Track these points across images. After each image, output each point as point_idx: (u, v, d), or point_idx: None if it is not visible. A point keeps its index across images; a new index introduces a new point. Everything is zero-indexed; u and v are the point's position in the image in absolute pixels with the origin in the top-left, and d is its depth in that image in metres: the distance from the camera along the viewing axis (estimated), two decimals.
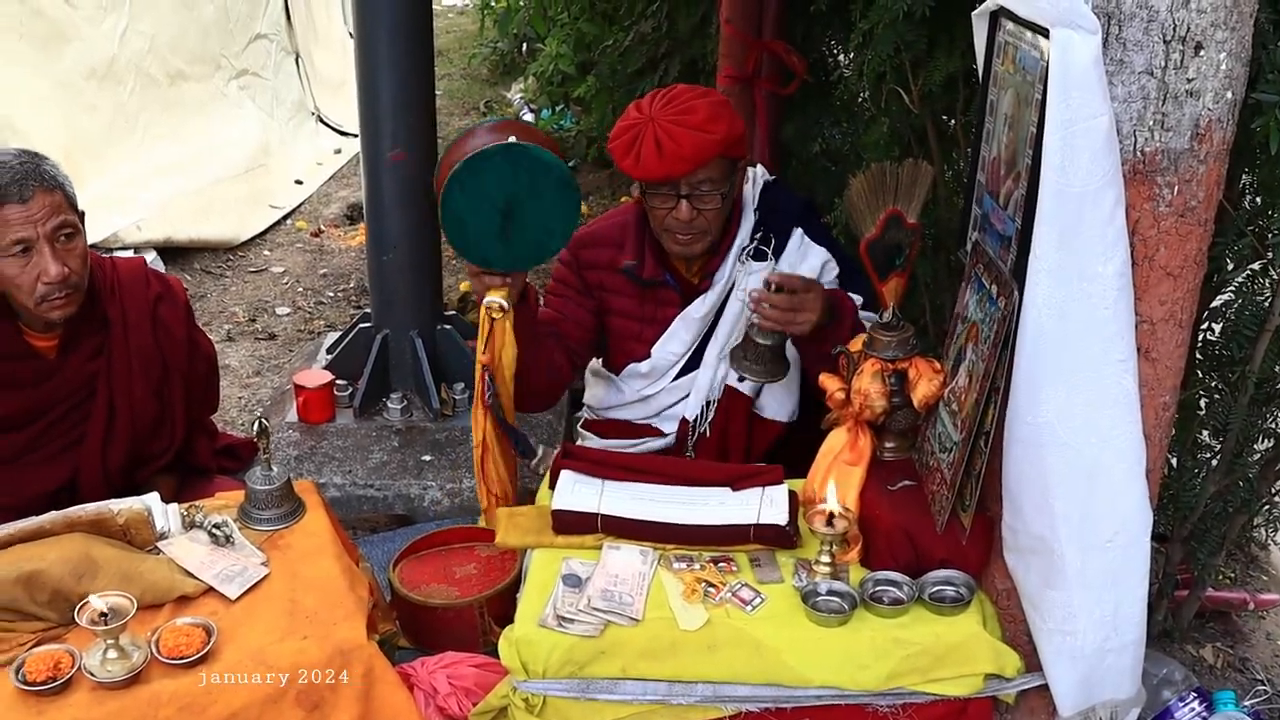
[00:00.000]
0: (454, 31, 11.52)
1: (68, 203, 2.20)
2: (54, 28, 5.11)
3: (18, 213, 2.12)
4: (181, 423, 2.50)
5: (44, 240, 2.15)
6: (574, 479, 2.17)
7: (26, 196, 2.12)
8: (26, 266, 2.16)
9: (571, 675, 1.85)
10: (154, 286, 2.46)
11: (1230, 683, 2.67)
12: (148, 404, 2.41)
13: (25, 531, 1.92)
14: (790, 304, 2.27)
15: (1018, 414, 1.69)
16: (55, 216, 2.16)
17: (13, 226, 2.12)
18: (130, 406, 2.39)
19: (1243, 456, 2.41)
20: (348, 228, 6.18)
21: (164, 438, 2.47)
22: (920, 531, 1.95)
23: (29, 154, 2.20)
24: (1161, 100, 1.55)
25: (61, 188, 2.19)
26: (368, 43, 3.35)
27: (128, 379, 2.38)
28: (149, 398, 2.41)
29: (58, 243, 2.18)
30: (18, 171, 2.13)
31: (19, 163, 2.15)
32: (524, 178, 2.18)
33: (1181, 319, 1.69)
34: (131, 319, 2.39)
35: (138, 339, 2.39)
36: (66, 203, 2.20)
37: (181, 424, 2.50)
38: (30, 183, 2.13)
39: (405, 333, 3.60)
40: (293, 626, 1.86)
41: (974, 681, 1.86)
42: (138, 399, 2.39)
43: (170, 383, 2.46)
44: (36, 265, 2.16)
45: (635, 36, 5.36)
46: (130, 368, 2.38)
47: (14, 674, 1.72)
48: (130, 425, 2.39)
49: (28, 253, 2.15)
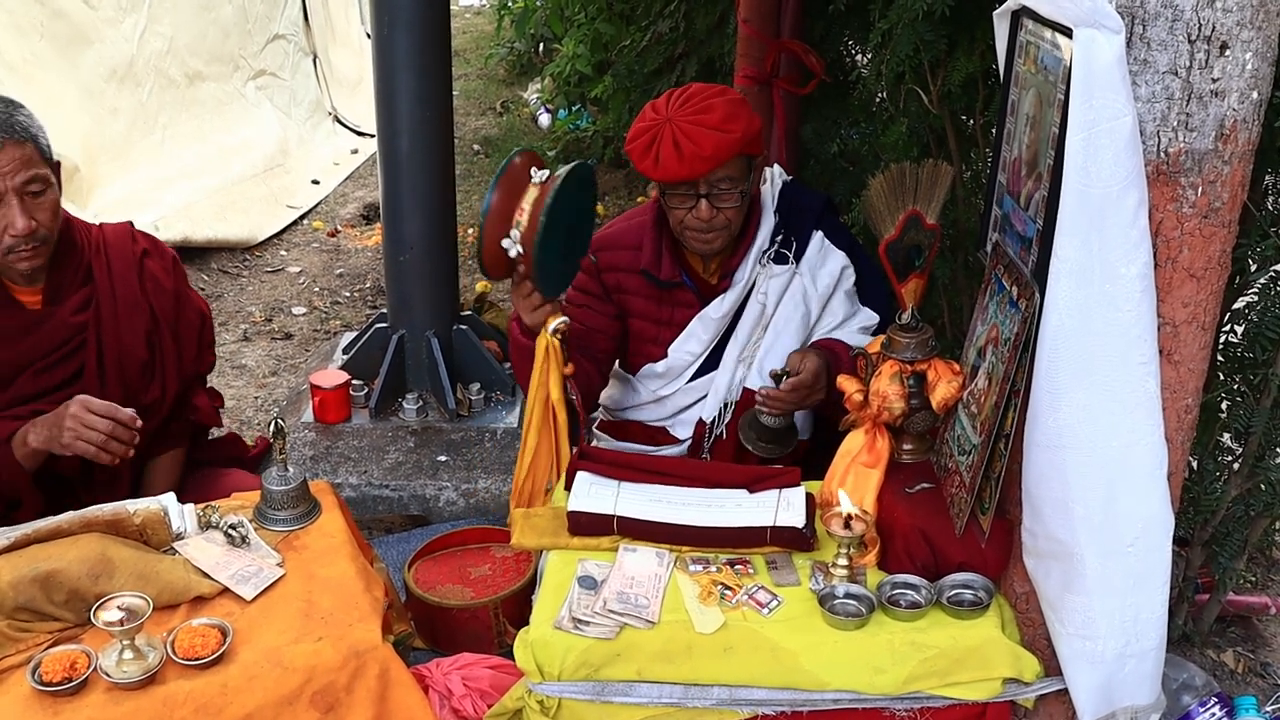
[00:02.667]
0: (471, 32, 11.55)
1: (40, 155, 2.19)
2: (75, 29, 5.14)
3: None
4: (173, 374, 2.50)
5: (12, 193, 2.15)
6: (590, 480, 2.16)
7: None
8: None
9: (587, 678, 1.84)
10: (140, 243, 2.49)
11: (1251, 688, 2.65)
12: (137, 350, 2.42)
13: (42, 532, 1.93)
14: (796, 397, 2.35)
15: (1038, 417, 1.68)
16: (24, 170, 2.15)
17: None
18: (119, 354, 2.40)
19: (1265, 460, 2.39)
20: (364, 228, 6.20)
21: (155, 387, 2.47)
22: (938, 534, 1.94)
23: (3, 103, 2.18)
24: (1186, 100, 1.54)
25: (34, 140, 2.18)
26: (385, 43, 3.35)
27: (115, 327, 2.39)
28: (139, 345, 2.42)
29: (26, 196, 2.17)
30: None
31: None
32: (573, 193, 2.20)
33: (1204, 321, 1.67)
34: (117, 271, 2.41)
35: (124, 290, 2.41)
36: (39, 155, 2.19)
37: (173, 375, 2.50)
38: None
39: (421, 333, 3.60)
40: (308, 627, 1.86)
41: (992, 686, 1.84)
42: (127, 346, 2.41)
43: (159, 332, 2.47)
44: (3, 218, 2.16)
45: (653, 36, 5.36)
46: (117, 316, 2.39)
47: (30, 674, 1.72)
48: (120, 372, 2.40)
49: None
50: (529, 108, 8.47)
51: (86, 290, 2.38)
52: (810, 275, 2.50)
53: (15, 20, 4.78)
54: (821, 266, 2.51)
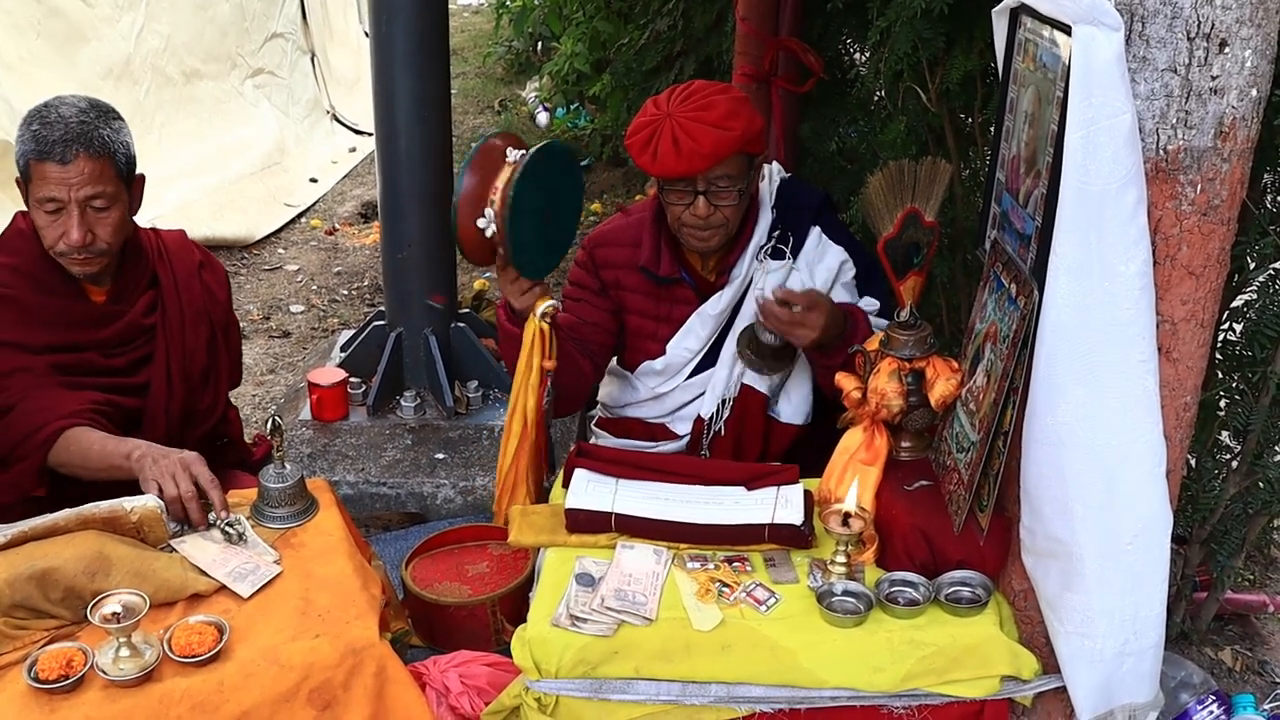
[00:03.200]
0: (469, 30, 11.55)
1: (115, 171, 2.21)
2: (72, 27, 5.13)
3: (55, 172, 2.15)
4: (225, 383, 2.57)
5: (74, 204, 2.18)
6: (588, 478, 2.16)
7: (68, 159, 2.14)
8: (54, 223, 2.20)
9: (584, 675, 1.84)
10: (196, 254, 2.56)
11: (1249, 686, 2.65)
12: (199, 356, 2.47)
13: (38, 529, 1.92)
14: (791, 318, 2.30)
15: (1037, 414, 1.68)
16: (92, 185, 2.17)
17: (48, 184, 2.16)
18: (184, 358, 2.44)
19: (1263, 458, 2.39)
20: (362, 226, 6.19)
21: (209, 394, 2.52)
22: (937, 532, 1.94)
23: (95, 112, 2.21)
24: (1185, 98, 1.54)
25: (112, 156, 2.20)
26: (384, 41, 3.35)
27: (181, 332, 2.44)
28: (200, 351, 2.48)
29: (89, 209, 2.20)
30: (70, 132, 2.15)
31: (78, 121, 2.17)
32: (551, 174, 2.19)
33: (1203, 319, 1.67)
34: (181, 278, 2.46)
35: (188, 297, 2.46)
36: (113, 171, 2.21)
37: (225, 385, 2.57)
38: (75, 146, 2.14)
39: (419, 331, 3.60)
40: (305, 625, 1.85)
41: (990, 683, 1.84)
42: (190, 351, 2.45)
43: (215, 342, 2.53)
44: (61, 225, 2.20)
45: (651, 35, 5.35)
46: (184, 321, 2.44)
47: (26, 671, 1.71)
48: (185, 375, 2.44)
49: (58, 212, 2.19)
50: (527, 106, 8.47)
51: (152, 294, 2.42)
52: (808, 270, 2.50)
53: (12, 19, 4.78)
54: (819, 262, 2.51)
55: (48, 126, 2.15)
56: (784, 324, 2.31)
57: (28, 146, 2.17)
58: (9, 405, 2.22)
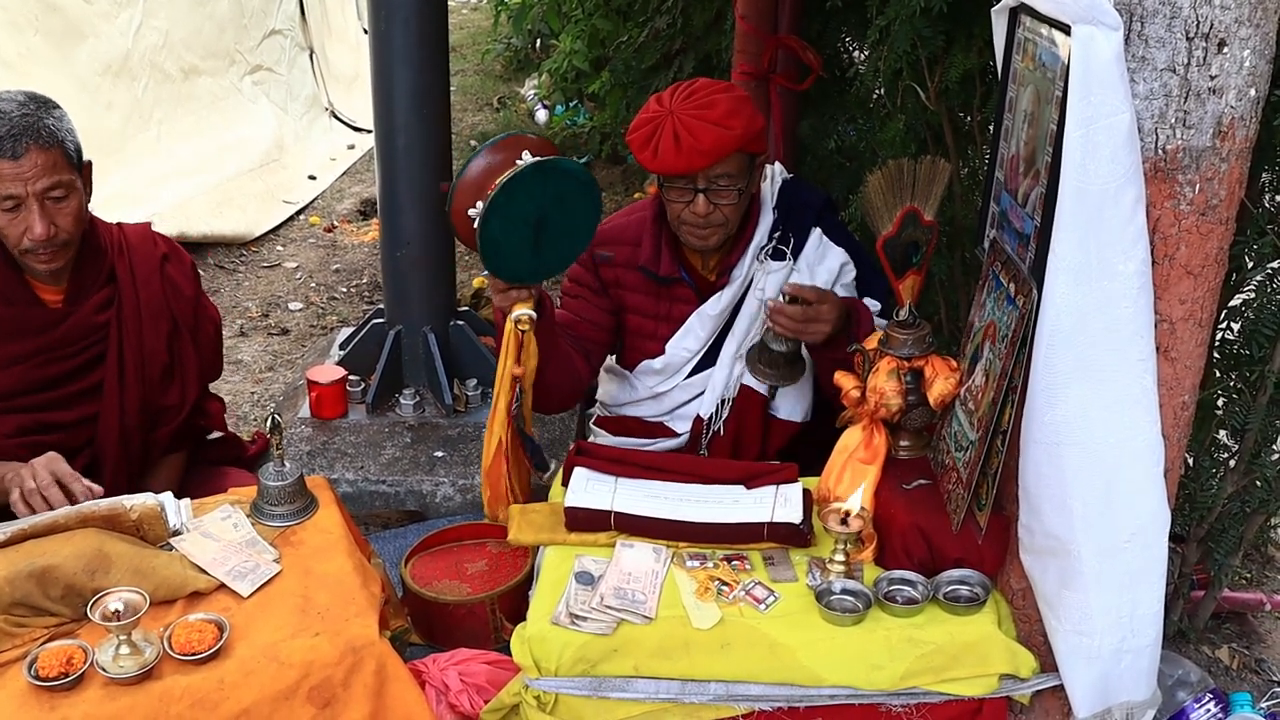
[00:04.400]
0: (468, 27, 11.54)
1: (66, 160, 2.18)
2: (69, 24, 5.12)
3: (9, 169, 2.10)
4: (194, 380, 2.51)
5: (33, 198, 2.14)
6: (587, 476, 2.17)
7: (19, 153, 2.10)
8: (14, 220, 2.16)
9: (584, 673, 1.84)
10: (161, 247, 2.48)
11: (1246, 684, 2.65)
12: (158, 354, 2.42)
13: (38, 527, 1.92)
14: (804, 315, 2.28)
15: (1035, 413, 1.68)
16: (47, 176, 2.14)
17: (3, 182, 2.11)
18: (141, 356, 2.39)
19: (1261, 456, 2.39)
20: (361, 223, 6.19)
21: (175, 392, 2.47)
22: (935, 531, 1.94)
23: (35, 104, 2.18)
24: (1183, 98, 1.54)
25: (61, 144, 2.17)
26: (383, 38, 3.35)
27: (138, 329, 2.39)
28: (160, 349, 2.42)
29: (48, 201, 2.17)
30: (15, 126, 2.11)
31: (20, 115, 2.13)
32: (553, 190, 2.15)
33: (1201, 318, 1.67)
34: (140, 274, 2.41)
35: (147, 293, 2.40)
36: (65, 160, 2.18)
37: (194, 380, 2.51)
38: (25, 139, 2.11)
39: (419, 328, 3.60)
40: (305, 623, 1.85)
41: (989, 682, 1.85)
42: (149, 349, 2.40)
43: (180, 338, 2.47)
44: (23, 221, 2.16)
45: (650, 32, 5.36)
46: (140, 319, 2.39)
47: (26, 669, 1.72)
48: (141, 374, 2.39)
49: (17, 209, 2.15)
50: (526, 103, 8.46)
51: (108, 290, 2.37)
52: (809, 271, 2.50)
53: (10, 15, 4.77)
54: (820, 263, 2.51)
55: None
56: (797, 323, 2.29)
57: None
58: None
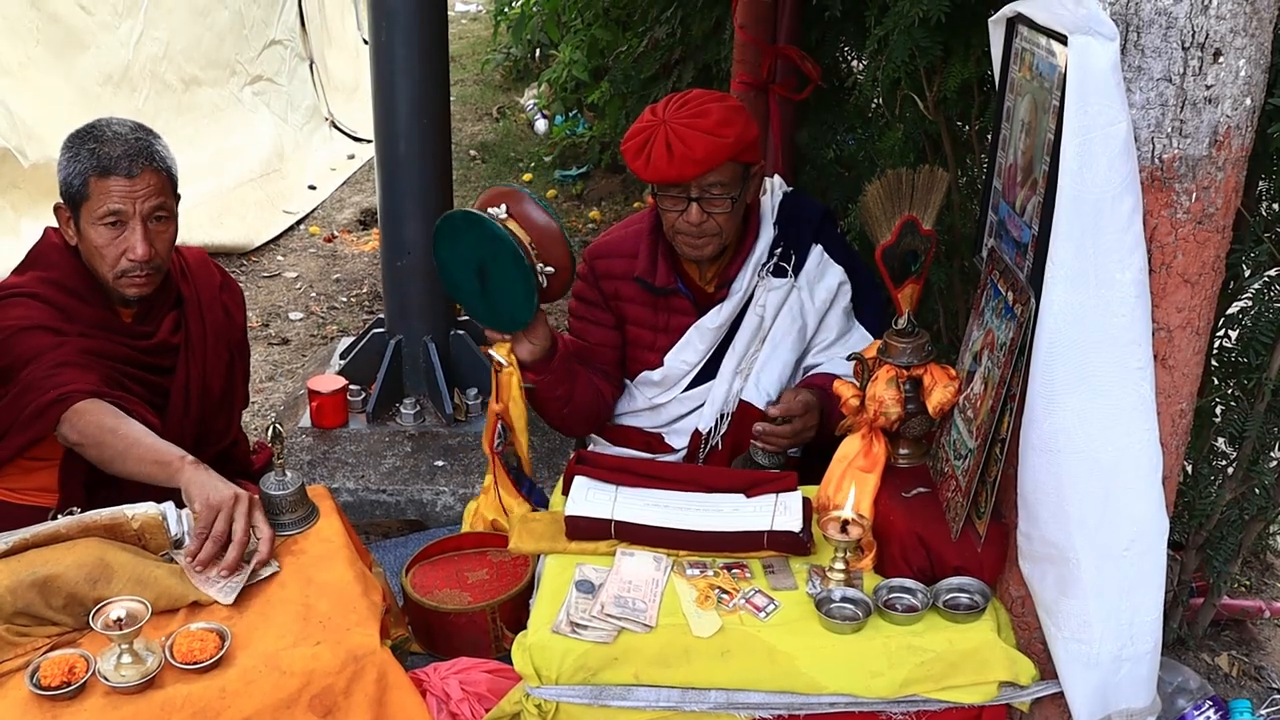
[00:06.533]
0: (467, 37, 11.56)
1: (170, 187, 2.28)
2: (70, 34, 5.13)
3: (122, 186, 2.18)
4: (238, 407, 2.59)
5: (138, 218, 2.21)
6: (587, 485, 2.17)
7: (134, 172, 2.19)
8: (115, 239, 2.22)
9: (584, 682, 1.85)
10: (217, 275, 2.57)
11: (1246, 691, 2.66)
12: (216, 379, 2.48)
13: (40, 536, 1.93)
14: (794, 432, 2.39)
15: (1034, 421, 1.68)
16: (155, 197, 2.23)
17: (112, 197, 2.18)
18: (204, 378, 2.45)
19: (1259, 464, 2.40)
20: (361, 233, 6.20)
21: (224, 417, 2.53)
22: (935, 538, 1.94)
23: (144, 130, 2.27)
24: (1180, 107, 1.55)
25: (168, 171, 2.26)
26: (383, 49, 3.36)
27: (203, 353, 2.45)
28: (218, 375, 2.49)
29: (151, 223, 2.23)
30: (131, 147, 2.20)
31: (135, 138, 2.22)
32: (486, 245, 2.23)
33: (1199, 326, 1.68)
34: (204, 299, 2.48)
35: (211, 317, 2.48)
36: (169, 186, 2.27)
37: (238, 408, 2.59)
38: (140, 160, 2.20)
39: (419, 338, 3.61)
40: (306, 632, 1.86)
41: (988, 689, 1.85)
42: (209, 373, 2.47)
43: (233, 364, 2.54)
44: (125, 240, 2.22)
45: (649, 42, 5.36)
46: (205, 342, 2.46)
47: (29, 678, 1.72)
48: (202, 397, 2.45)
49: (118, 225, 2.21)
50: (525, 113, 8.48)
51: (176, 314, 2.43)
52: (808, 289, 2.51)
53: (11, 25, 4.78)
54: (819, 281, 2.52)
55: (107, 143, 2.19)
56: (788, 439, 2.39)
57: (87, 164, 2.18)
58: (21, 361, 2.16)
